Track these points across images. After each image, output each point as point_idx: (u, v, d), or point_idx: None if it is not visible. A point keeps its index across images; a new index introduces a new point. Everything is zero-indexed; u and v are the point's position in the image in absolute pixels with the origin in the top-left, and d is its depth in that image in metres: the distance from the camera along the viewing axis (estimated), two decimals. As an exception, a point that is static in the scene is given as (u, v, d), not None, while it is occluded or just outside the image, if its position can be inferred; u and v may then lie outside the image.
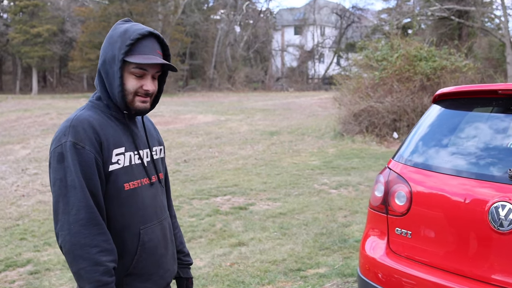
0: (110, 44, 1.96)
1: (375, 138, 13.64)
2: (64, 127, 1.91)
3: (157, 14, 44.69)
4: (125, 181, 1.97)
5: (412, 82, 13.78)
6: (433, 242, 2.80)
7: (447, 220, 2.74)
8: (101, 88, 2.02)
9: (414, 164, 3.01)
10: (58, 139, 1.90)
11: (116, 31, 1.98)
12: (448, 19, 26.12)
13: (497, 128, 3.01)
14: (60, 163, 1.86)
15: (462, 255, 2.67)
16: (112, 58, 1.94)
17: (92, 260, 1.82)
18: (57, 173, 1.87)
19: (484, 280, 2.55)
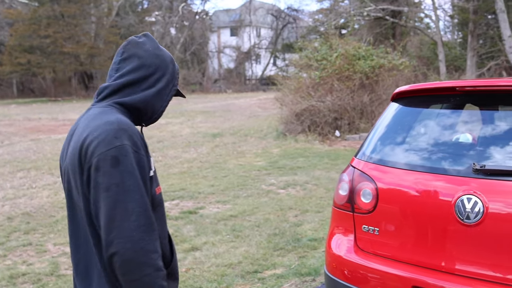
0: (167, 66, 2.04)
1: (318, 137, 13.82)
2: (113, 129, 1.80)
3: (90, 16, 43.69)
4: (156, 185, 1.96)
5: (351, 81, 14.07)
6: (401, 237, 2.85)
7: (414, 215, 2.79)
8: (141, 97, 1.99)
9: (378, 162, 3.06)
10: (109, 142, 1.77)
11: (164, 52, 2.06)
12: (383, 19, 26.80)
13: (453, 123, 3.09)
14: (115, 167, 1.75)
15: (430, 249, 2.73)
16: (171, 81, 2.05)
17: (155, 266, 1.78)
18: (112, 177, 1.75)
19: (453, 272, 2.62)
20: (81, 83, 43.63)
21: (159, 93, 2.01)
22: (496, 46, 25.49)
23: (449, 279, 2.61)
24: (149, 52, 2.02)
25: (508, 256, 2.50)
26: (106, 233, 1.75)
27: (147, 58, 2.00)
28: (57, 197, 8.26)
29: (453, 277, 2.61)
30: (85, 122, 1.91)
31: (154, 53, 2.03)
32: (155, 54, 2.03)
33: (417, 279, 2.68)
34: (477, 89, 2.90)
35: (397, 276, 2.76)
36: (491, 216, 2.53)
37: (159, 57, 2.03)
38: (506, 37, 19.78)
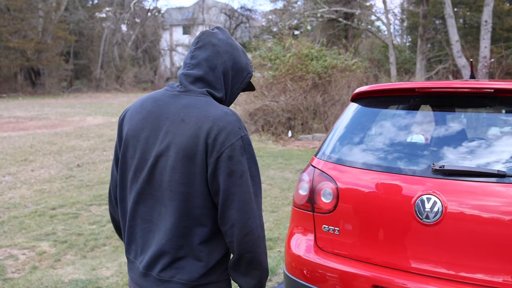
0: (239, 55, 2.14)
1: (271, 137, 13.86)
2: (234, 120, 1.95)
3: (37, 10, 42.38)
4: None
5: (304, 81, 14.17)
6: (361, 237, 2.87)
7: (374, 214, 2.81)
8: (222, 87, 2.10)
9: (338, 161, 3.06)
10: (236, 132, 1.93)
11: (236, 43, 2.17)
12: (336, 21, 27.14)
13: (412, 124, 3.13)
14: (243, 155, 1.93)
15: (390, 248, 2.76)
16: (242, 69, 2.15)
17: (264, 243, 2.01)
18: (243, 165, 1.92)
19: (412, 270, 2.66)
20: (27, 79, 42.32)
21: (233, 81, 2.14)
22: (444, 50, 26.22)
23: (408, 278, 2.64)
24: (223, 41, 2.11)
25: (465, 255, 2.56)
26: (241, 215, 1.91)
27: (221, 46, 2.10)
28: (3, 197, 7.98)
29: (412, 276, 2.64)
30: (195, 111, 1.97)
31: (227, 42, 2.13)
32: (228, 43, 2.12)
33: (377, 278, 2.70)
34: (435, 90, 2.94)
35: (357, 276, 2.78)
36: (449, 216, 2.57)
37: (232, 46, 2.13)
38: (454, 42, 20.34)
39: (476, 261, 2.53)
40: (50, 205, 7.43)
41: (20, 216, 6.91)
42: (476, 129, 3.32)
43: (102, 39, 45.65)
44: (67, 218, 6.81)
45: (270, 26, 31.42)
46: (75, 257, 5.45)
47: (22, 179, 9.36)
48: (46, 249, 5.66)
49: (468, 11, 26.35)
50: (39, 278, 4.89)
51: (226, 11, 50.18)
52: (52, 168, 10.45)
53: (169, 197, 1.96)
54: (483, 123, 3.29)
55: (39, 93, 39.70)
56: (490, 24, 19.63)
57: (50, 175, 9.76)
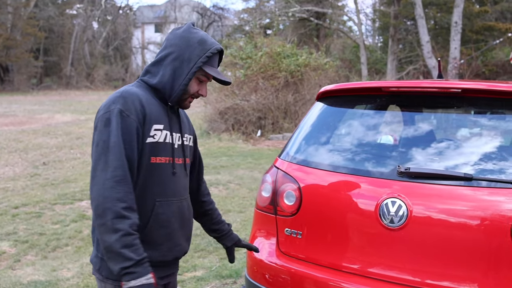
0: (188, 46, 2.17)
1: (242, 136, 13.76)
2: (114, 97, 2.10)
3: (6, 6, 41.60)
4: (153, 154, 2.14)
5: (276, 79, 14.09)
6: (323, 241, 2.77)
7: (338, 218, 2.71)
8: (160, 76, 2.20)
9: (301, 162, 2.96)
10: (107, 107, 2.08)
11: (192, 35, 2.20)
12: (307, 20, 27.17)
13: (378, 124, 3.06)
14: (106, 126, 2.04)
15: (353, 253, 2.66)
16: (188, 60, 2.17)
17: (118, 213, 1.95)
18: (102, 135, 2.04)
19: (376, 276, 2.56)
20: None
21: (174, 72, 2.18)
22: (414, 51, 26.47)
23: (370, 284, 2.54)
24: (176, 35, 2.22)
25: (431, 261, 2.46)
26: (90, 180, 2.03)
27: (171, 40, 2.22)
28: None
29: (375, 282, 2.54)
30: None
31: (181, 35, 2.21)
32: (180, 36, 2.21)
33: (338, 284, 2.60)
34: (401, 90, 2.86)
35: (317, 280, 2.67)
36: (414, 220, 2.47)
37: (182, 38, 2.20)
38: (424, 43, 20.52)
39: (443, 268, 2.44)
40: (13, 204, 7.25)
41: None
42: (445, 130, 3.25)
43: (73, 36, 45.02)
44: (30, 217, 6.64)
45: (242, 25, 31.31)
46: (35, 257, 5.30)
47: (-17, 177, 9.13)
48: (6, 249, 5.50)
49: (439, 12, 26.60)
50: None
51: (199, 10, 49.89)
52: (17, 166, 10.23)
53: None
54: (452, 123, 3.22)
55: (8, 90, 39.01)
56: (460, 26, 19.85)
57: (14, 173, 9.55)
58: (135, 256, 1.93)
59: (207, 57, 2.18)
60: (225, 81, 2.27)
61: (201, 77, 2.23)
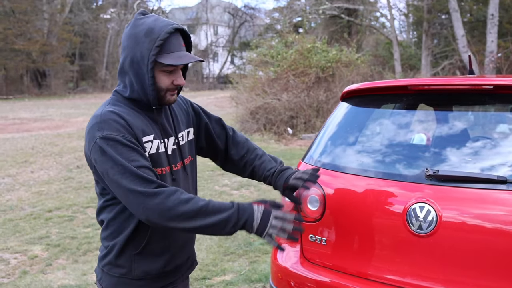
0: (137, 44, 1.99)
1: (274, 136, 13.67)
2: (94, 124, 1.97)
3: (42, 12, 42.52)
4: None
5: (307, 76, 13.93)
6: (349, 248, 2.65)
7: (363, 224, 2.59)
8: (129, 86, 2.06)
9: (325, 166, 2.83)
10: (93, 137, 1.95)
11: (139, 28, 2.01)
12: (338, 17, 26.92)
13: (406, 124, 2.93)
14: (103, 155, 1.91)
15: (381, 261, 2.53)
16: (141, 59, 1.98)
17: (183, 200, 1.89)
18: (105, 164, 1.92)
19: (402, 285, 2.42)
20: (33, 81, 42.49)
21: (138, 77, 2.02)
22: (450, 45, 25.92)
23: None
24: (125, 35, 2.05)
25: (462, 270, 2.31)
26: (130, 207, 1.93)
27: (123, 42, 2.05)
28: (0, 199, 7.97)
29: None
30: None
31: (129, 33, 2.04)
32: (129, 34, 2.04)
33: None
34: (430, 88, 2.72)
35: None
36: (444, 226, 2.32)
37: (131, 36, 2.02)
38: (459, 37, 20.06)
39: (478, 278, 2.28)
40: (47, 208, 7.37)
41: (16, 219, 6.84)
42: (478, 129, 3.08)
43: (107, 40, 45.70)
44: (62, 221, 6.73)
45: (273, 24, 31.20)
46: (66, 261, 5.35)
47: (21, 181, 9.29)
48: (38, 253, 5.58)
49: (475, 5, 25.99)
50: (28, 283, 4.79)
51: (230, 10, 50.04)
52: (51, 169, 10.38)
53: None
54: (485, 122, 3.06)
55: (45, 94, 39.88)
56: (496, 18, 19.32)
57: (49, 176, 9.69)
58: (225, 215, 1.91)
59: (157, 47, 1.96)
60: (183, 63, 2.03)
61: (166, 69, 2.02)
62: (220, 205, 1.93)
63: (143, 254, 2.11)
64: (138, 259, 2.11)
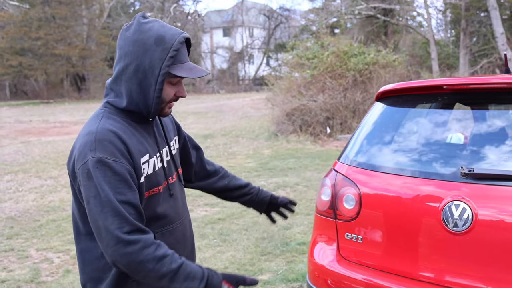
0: (145, 52, 1.82)
1: (310, 137, 13.66)
2: (88, 141, 1.80)
3: (81, 18, 43.47)
4: (147, 189, 1.91)
5: (344, 78, 13.90)
6: (385, 246, 2.68)
7: (399, 222, 2.62)
8: (126, 96, 1.88)
9: (361, 165, 2.88)
10: (84, 155, 1.79)
11: (146, 35, 1.84)
12: (374, 17, 26.73)
13: (441, 123, 2.94)
14: (90, 180, 1.76)
15: (416, 259, 2.56)
16: (150, 68, 1.82)
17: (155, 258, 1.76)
18: (89, 191, 1.77)
19: (441, 283, 2.45)
20: (73, 85, 43.45)
21: (141, 87, 1.86)
22: (489, 43, 25.44)
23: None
24: (128, 40, 1.86)
25: (499, 268, 2.32)
26: (100, 243, 1.79)
27: (124, 47, 1.86)
28: (43, 200, 8.13)
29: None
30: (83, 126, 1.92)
31: (132, 38, 1.85)
32: (132, 40, 1.85)
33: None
34: (465, 87, 2.72)
35: (380, 287, 2.60)
36: (480, 224, 2.34)
37: (136, 42, 1.84)
38: (498, 34, 19.69)
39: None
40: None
41: (58, 219, 7.01)
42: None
43: (144, 43, 46.26)
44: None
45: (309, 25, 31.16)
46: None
47: (62, 182, 9.52)
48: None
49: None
50: (71, 281, 4.91)
51: (265, 12, 50.14)
52: (91, 172, 10.58)
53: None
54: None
55: (84, 98, 40.65)
56: (537, 15, 18.89)
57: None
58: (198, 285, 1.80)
59: (171, 57, 1.83)
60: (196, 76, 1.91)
61: (173, 80, 1.89)
62: (190, 273, 1.80)
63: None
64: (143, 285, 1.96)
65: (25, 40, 39.31)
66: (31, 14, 39.31)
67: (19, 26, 39.25)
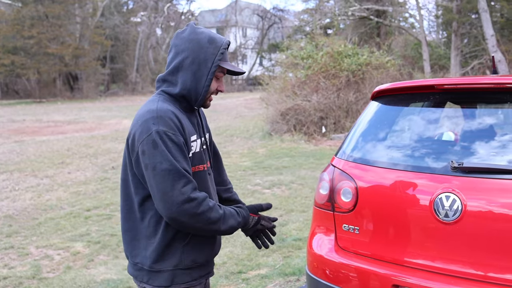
0: (200, 48, 2.22)
1: (304, 137, 13.82)
2: (150, 117, 2.14)
3: (74, 16, 43.35)
4: (194, 164, 2.24)
5: (338, 79, 14.07)
6: (380, 236, 2.85)
7: (394, 213, 2.79)
8: (181, 83, 2.24)
9: (357, 160, 3.05)
10: (148, 128, 2.12)
11: (200, 36, 2.24)
12: (367, 18, 26.92)
13: (433, 121, 3.10)
14: (155, 149, 2.09)
15: (410, 247, 2.73)
16: (204, 61, 2.22)
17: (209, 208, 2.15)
18: (154, 158, 2.09)
19: (433, 270, 2.62)
20: (66, 84, 43.28)
21: (195, 76, 2.22)
22: (479, 45, 25.69)
23: (428, 277, 2.60)
24: (184, 39, 2.25)
25: (487, 254, 2.50)
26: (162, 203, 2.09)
27: (180, 45, 2.25)
28: (40, 199, 8.20)
29: (433, 275, 2.61)
30: (139, 110, 2.25)
31: (188, 38, 2.24)
32: (188, 39, 2.24)
33: (397, 278, 2.68)
34: (455, 87, 2.90)
35: (377, 275, 2.76)
36: (469, 214, 2.52)
37: (192, 41, 2.23)
38: (488, 36, 19.92)
39: (505, 261, 2.46)
40: (85, 207, 7.61)
41: (56, 218, 7.09)
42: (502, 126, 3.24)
43: (137, 43, 46.29)
44: (101, 219, 6.96)
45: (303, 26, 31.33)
46: (107, 257, 5.56)
47: (59, 181, 9.59)
48: (80, 250, 5.79)
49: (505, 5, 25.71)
50: (72, 277, 5.00)
51: (259, 12, 50.24)
52: (87, 170, 10.68)
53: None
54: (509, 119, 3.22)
55: (77, 97, 40.52)
56: (527, 17, 19.13)
57: (85, 177, 9.98)
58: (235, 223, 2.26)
59: (221, 54, 2.23)
60: (240, 71, 2.35)
61: (218, 74, 2.28)
62: (231, 213, 2.26)
63: (191, 245, 2.25)
64: (187, 250, 2.24)
65: (17, 39, 39.10)
66: (24, 12, 39.10)
67: (11, 25, 38.98)
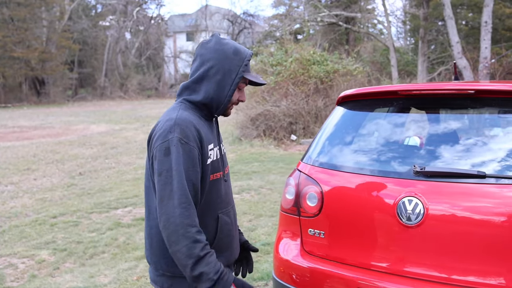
0: (226, 58, 2.27)
1: (273, 142, 13.87)
2: (169, 125, 2.17)
3: (41, 20, 42.70)
4: (212, 172, 2.28)
5: (306, 86, 14.19)
6: (346, 240, 2.88)
7: (358, 217, 2.83)
8: (204, 92, 2.28)
9: (323, 165, 3.08)
10: (164, 135, 2.15)
11: (225, 46, 2.29)
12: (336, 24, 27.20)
13: (397, 126, 3.15)
14: (167, 156, 2.12)
15: (374, 251, 2.77)
16: (229, 71, 2.27)
17: (192, 238, 2.06)
18: (164, 164, 2.12)
19: (397, 273, 2.66)
20: (32, 89, 42.58)
21: (218, 85, 2.27)
22: (446, 51, 26.18)
23: (393, 280, 2.64)
24: (209, 49, 2.29)
25: (450, 257, 2.55)
26: (159, 209, 2.11)
27: (206, 55, 2.29)
28: (5, 206, 8.05)
29: (397, 278, 2.65)
30: (161, 117, 2.29)
31: (214, 48, 2.29)
32: (214, 49, 2.29)
33: (361, 281, 2.71)
34: (418, 93, 2.96)
35: (343, 279, 2.79)
36: (431, 218, 2.57)
37: (217, 51, 2.28)
38: (454, 43, 20.30)
39: (466, 263, 2.52)
40: (51, 214, 7.48)
41: (21, 225, 6.96)
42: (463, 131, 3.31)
43: (106, 47, 45.87)
44: (68, 226, 6.85)
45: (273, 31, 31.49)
46: (74, 265, 5.48)
47: (24, 188, 9.43)
48: (45, 258, 5.69)
49: (470, 13, 26.29)
50: (37, 286, 4.92)
51: (229, 17, 50.22)
52: (54, 176, 10.52)
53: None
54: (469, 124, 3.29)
55: (44, 102, 39.92)
56: (490, 25, 19.58)
57: (52, 183, 9.83)
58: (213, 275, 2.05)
59: (245, 65, 2.29)
60: (262, 83, 2.40)
61: (241, 85, 2.34)
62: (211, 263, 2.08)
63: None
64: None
65: (-18, 43, 38.45)
66: (-12, 15, 38.46)
67: (-25, 28, 38.35)
